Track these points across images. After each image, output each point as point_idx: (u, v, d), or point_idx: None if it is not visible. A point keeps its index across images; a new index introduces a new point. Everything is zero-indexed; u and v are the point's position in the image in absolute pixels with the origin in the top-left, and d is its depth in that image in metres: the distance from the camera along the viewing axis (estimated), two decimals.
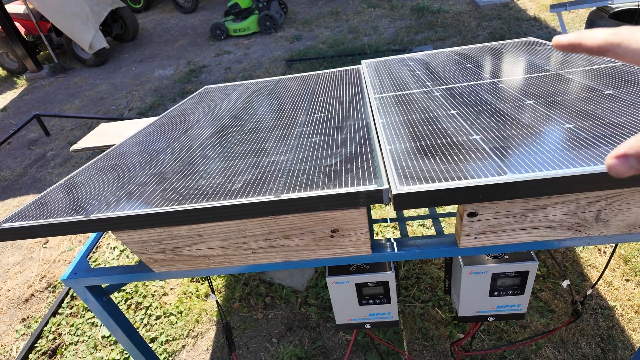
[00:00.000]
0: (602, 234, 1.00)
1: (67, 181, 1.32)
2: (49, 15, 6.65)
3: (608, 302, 2.01)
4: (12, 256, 3.25)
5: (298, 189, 0.96)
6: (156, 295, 2.57)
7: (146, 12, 10.61)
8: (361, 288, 1.22)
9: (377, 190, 0.89)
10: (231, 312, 2.37)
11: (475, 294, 1.22)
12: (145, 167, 1.30)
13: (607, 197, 0.92)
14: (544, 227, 0.99)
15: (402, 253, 1.09)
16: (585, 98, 1.22)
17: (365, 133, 1.27)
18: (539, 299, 2.08)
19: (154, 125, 1.83)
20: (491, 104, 1.31)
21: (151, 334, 2.33)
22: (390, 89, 1.67)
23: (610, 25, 4.02)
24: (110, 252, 3.02)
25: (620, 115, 1.06)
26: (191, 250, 1.09)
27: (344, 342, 2.07)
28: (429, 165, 0.97)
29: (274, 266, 1.13)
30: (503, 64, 1.78)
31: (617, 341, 1.85)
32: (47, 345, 2.39)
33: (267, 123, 1.56)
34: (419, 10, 6.99)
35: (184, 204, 0.97)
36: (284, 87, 2.11)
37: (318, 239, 1.05)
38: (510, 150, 0.98)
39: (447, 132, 1.14)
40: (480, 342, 1.94)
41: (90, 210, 1.03)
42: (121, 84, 6.51)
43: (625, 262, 2.19)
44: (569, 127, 1.05)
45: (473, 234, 1.01)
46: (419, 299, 2.20)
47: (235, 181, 1.07)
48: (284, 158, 1.17)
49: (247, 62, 6.41)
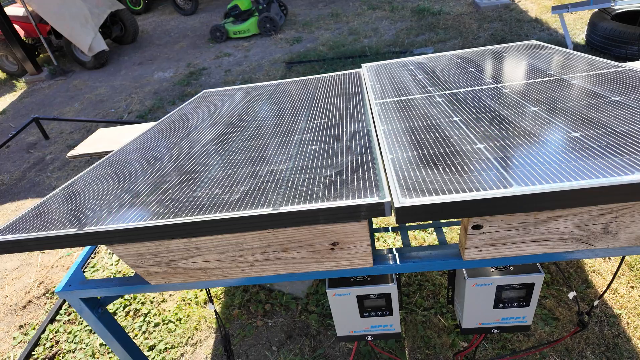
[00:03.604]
0: (610, 246, 0.97)
1: (61, 191, 1.29)
2: (48, 17, 6.63)
3: (613, 309, 1.98)
4: (9, 262, 3.23)
5: (297, 201, 0.93)
6: (155, 301, 2.54)
7: (146, 14, 10.60)
8: (362, 300, 1.19)
9: (379, 203, 0.86)
10: (230, 319, 2.34)
11: (480, 306, 1.19)
12: (141, 176, 1.28)
13: (616, 209, 0.89)
14: (550, 240, 0.96)
15: (404, 265, 1.06)
16: (591, 105, 1.19)
17: (366, 141, 1.24)
18: (543, 306, 2.05)
19: (151, 132, 1.80)
20: (495, 110, 1.28)
21: (149, 342, 2.30)
22: (392, 94, 1.64)
23: (613, 27, 4.00)
24: (109, 257, 2.99)
25: (628, 124, 1.03)
26: (187, 263, 1.06)
27: (345, 350, 2.04)
28: (432, 176, 0.94)
29: (273, 279, 1.10)
30: (506, 68, 1.76)
31: (622, 350, 1.81)
32: (45, 353, 2.36)
33: (267, 129, 1.53)
34: (419, 12, 6.97)
35: (180, 217, 0.94)
36: (284, 92, 2.08)
37: (318, 251, 1.02)
38: (515, 160, 0.95)
39: (450, 141, 1.11)
40: (484, 351, 1.91)
41: (84, 223, 1.00)
42: (121, 87, 6.49)
43: (631, 269, 2.15)
44: (575, 135, 1.02)
45: (478, 247, 0.98)
46: (421, 306, 2.17)
47: (233, 192, 1.04)
48: (283, 167, 1.14)
49: (247, 64, 6.38)
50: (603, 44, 4.17)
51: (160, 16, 10.17)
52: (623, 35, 3.93)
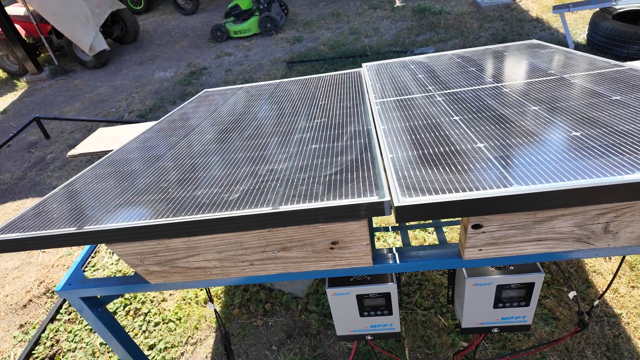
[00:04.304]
0: (610, 245, 0.97)
1: (61, 190, 1.29)
2: (49, 17, 6.64)
3: (614, 309, 1.98)
4: (10, 261, 3.23)
5: (297, 200, 0.93)
6: (155, 301, 2.55)
7: (147, 13, 10.60)
8: (362, 299, 1.18)
9: (379, 202, 0.86)
10: (231, 318, 2.34)
11: (480, 306, 1.19)
12: (141, 175, 1.28)
13: (616, 209, 0.88)
14: (550, 239, 0.96)
15: (404, 265, 1.06)
16: (591, 104, 1.19)
17: (366, 140, 1.24)
18: (544, 306, 2.04)
19: (152, 131, 1.80)
20: (495, 109, 1.28)
21: (150, 341, 2.30)
22: (392, 93, 1.64)
23: (614, 27, 3.99)
24: (110, 256, 2.99)
25: (629, 123, 1.02)
26: (187, 263, 1.06)
27: (345, 350, 2.04)
28: (431, 175, 0.93)
29: (273, 278, 1.10)
30: (506, 68, 1.75)
31: (623, 350, 1.81)
32: (45, 352, 2.37)
33: (267, 129, 1.53)
34: (420, 12, 6.96)
35: (179, 216, 0.94)
36: (284, 91, 2.08)
37: (317, 250, 1.02)
38: (515, 159, 0.95)
39: (450, 140, 1.11)
40: (484, 351, 1.91)
41: (84, 222, 1.00)
42: (121, 86, 6.50)
43: (631, 268, 2.15)
44: (575, 135, 1.02)
45: (477, 246, 0.98)
46: (421, 305, 2.17)
47: (232, 191, 1.04)
48: (283, 166, 1.14)
49: (248, 64, 6.38)
50: (604, 44, 4.16)
51: (161, 16, 10.18)
52: (624, 35, 3.92)
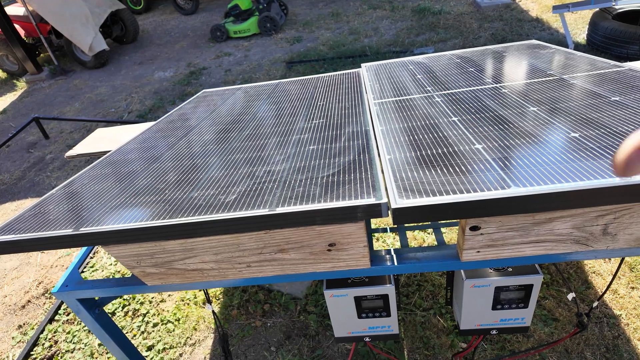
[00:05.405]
0: (609, 247, 0.96)
1: (58, 190, 1.28)
2: (48, 17, 6.63)
3: (613, 310, 1.97)
4: (9, 261, 3.23)
5: (294, 201, 0.92)
6: (153, 302, 2.54)
7: (146, 13, 10.59)
8: (360, 301, 1.18)
9: (376, 204, 0.86)
10: (229, 319, 2.33)
11: (478, 308, 1.18)
12: (138, 176, 1.27)
13: (615, 210, 0.88)
14: (549, 241, 0.95)
15: (401, 266, 1.06)
16: (591, 105, 1.18)
17: (364, 141, 1.23)
18: (543, 307, 2.04)
19: (150, 132, 1.79)
20: (494, 110, 1.28)
21: (148, 342, 2.29)
22: (391, 94, 1.64)
23: (614, 27, 3.98)
24: (108, 257, 2.99)
25: (628, 124, 1.02)
26: (184, 264, 1.06)
27: (344, 351, 2.04)
28: (429, 176, 0.93)
29: (270, 280, 1.09)
30: (506, 68, 1.75)
31: (622, 351, 1.81)
32: (43, 353, 2.36)
33: (265, 129, 1.53)
34: (420, 12, 6.96)
35: (176, 218, 0.93)
36: (283, 91, 2.08)
37: (315, 252, 1.01)
38: (513, 160, 0.94)
39: (449, 141, 1.10)
40: (483, 352, 1.90)
41: (80, 224, 0.99)
42: (121, 86, 6.49)
43: (631, 269, 2.14)
44: (574, 136, 1.01)
45: (475, 248, 0.98)
46: (420, 306, 2.16)
47: (229, 192, 1.03)
48: (281, 167, 1.14)
49: (247, 64, 6.38)
50: (604, 44, 4.16)
51: (161, 16, 10.17)
52: (624, 35, 3.91)
